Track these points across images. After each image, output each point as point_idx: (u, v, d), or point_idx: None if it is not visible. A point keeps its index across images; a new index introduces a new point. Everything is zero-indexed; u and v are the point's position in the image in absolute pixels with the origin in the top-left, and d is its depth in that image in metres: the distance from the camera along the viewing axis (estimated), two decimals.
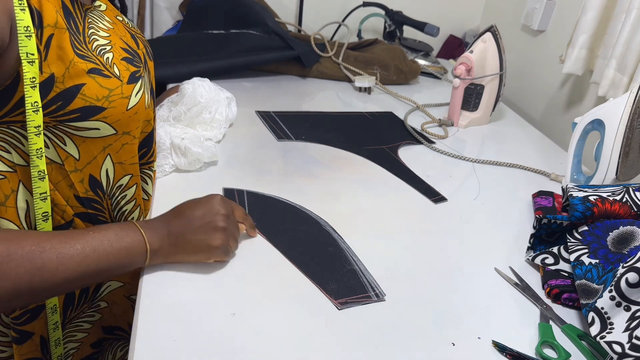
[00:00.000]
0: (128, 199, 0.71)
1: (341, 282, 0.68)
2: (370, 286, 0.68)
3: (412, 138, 1.13)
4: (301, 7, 1.63)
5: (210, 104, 0.93)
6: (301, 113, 1.17)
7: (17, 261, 0.50)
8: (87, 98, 0.57)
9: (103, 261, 0.56)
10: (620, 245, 0.69)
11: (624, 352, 0.57)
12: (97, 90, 0.58)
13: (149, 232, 0.60)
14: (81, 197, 0.64)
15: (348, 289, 0.67)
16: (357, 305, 0.65)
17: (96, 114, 0.59)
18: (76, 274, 0.54)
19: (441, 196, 0.92)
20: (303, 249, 0.73)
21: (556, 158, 1.15)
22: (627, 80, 1.07)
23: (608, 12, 1.16)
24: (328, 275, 0.68)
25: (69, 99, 0.56)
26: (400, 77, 1.42)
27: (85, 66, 0.57)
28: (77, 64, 0.56)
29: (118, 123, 0.62)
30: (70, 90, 0.56)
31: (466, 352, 0.61)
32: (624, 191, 0.76)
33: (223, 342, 0.57)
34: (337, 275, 0.69)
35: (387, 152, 1.05)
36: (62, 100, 0.56)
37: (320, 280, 0.67)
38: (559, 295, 0.71)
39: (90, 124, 0.59)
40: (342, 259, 0.72)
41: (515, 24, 1.57)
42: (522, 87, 1.54)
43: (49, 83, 0.54)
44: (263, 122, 1.09)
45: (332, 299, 0.65)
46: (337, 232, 0.78)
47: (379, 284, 0.68)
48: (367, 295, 0.66)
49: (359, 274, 0.70)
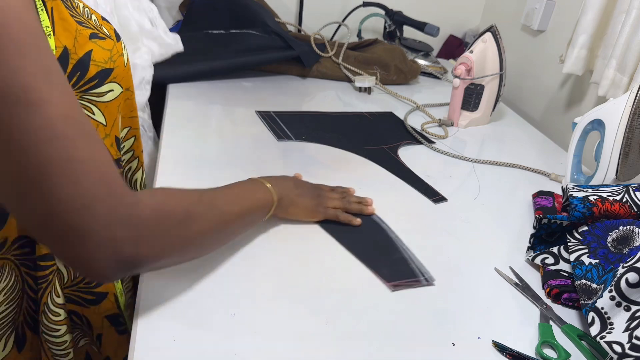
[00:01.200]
0: (126, 150, 0.74)
1: (392, 267, 0.72)
2: (420, 272, 0.72)
3: (412, 138, 1.13)
4: (301, 7, 1.63)
5: None
6: (301, 113, 1.17)
7: (204, 205, 0.57)
8: (97, 63, 0.59)
9: (248, 206, 0.65)
10: (620, 245, 0.69)
11: (624, 352, 0.57)
12: (101, 53, 0.60)
13: (272, 187, 0.69)
14: (115, 160, 0.67)
15: (399, 273, 0.71)
16: (408, 289, 0.69)
17: (108, 76, 0.61)
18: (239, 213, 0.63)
19: (441, 196, 0.92)
20: (354, 236, 0.77)
21: (556, 158, 1.15)
22: (627, 80, 1.07)
23: (608, 12, 1.16)
24: (379, 260, 0.73)
25: (84, 67, 0.58)
26: (400, 77, 1.42)
27: (87, 32, 0.59)
28: (80, 32, 0.58)
29: (123, 80, 0.64)
30: (83, 58, 0.58)
31: (466, 352, 0.61)
32: (624, 191, 0.76)
33: (223, 342, 0.57)
34: (388, 261, 0.73)
35: (387, 152, 1.05)
36: (80, 70, 0.57)
37: (373, 264, 0.72)
38: (559, 295, 0.71)
39: (106, 87, 0.61)
40: (391, 246, 0.76)
41: (515, 24, 1.57)
42: (522, 87, 1.54)
43: (65, 56, 0.55)
44: (263, 122, 1.09)
45: (386, 281, 0.69)
46: (384, 222, 0.82)
47: (427, 269, 0.73)
48: (417, 280, 0.70)
49: (408, 261, 0.74)
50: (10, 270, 0.62)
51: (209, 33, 1.35)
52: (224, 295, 0.63)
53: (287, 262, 0.70)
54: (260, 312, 0.62)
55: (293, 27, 1.60)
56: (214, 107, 1.12)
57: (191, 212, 0.54)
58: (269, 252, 0.72)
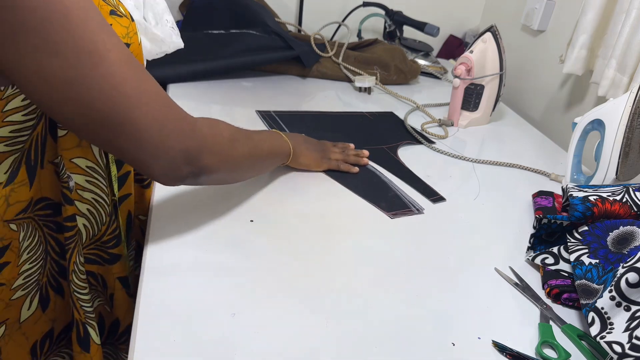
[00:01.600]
0: None
1: (388, 201, 0.89)
2: (412, 204, 0.89)
3: (412, 138, 1.13)
4: (301, 7, 1.63)
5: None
6: (302, 113, 1.17)
7: (243, 135, 0.70)
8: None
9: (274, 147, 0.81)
10: (620, 246, 0.69)
11: (624, 352, 0.57)
12: (120, 29, 0.62)
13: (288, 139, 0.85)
14: None
15: (395, 205, 0.88)
16: (405, 217, 0.85)
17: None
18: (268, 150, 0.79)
19: (440, 196, 0.92)
20: (356, 181, 0.93)
21: (556, 158, 1.15)
22: (627, 80, 1.07)
23: (608, 12, 1.16)
24: (378, 197, 0.90)
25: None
26: (400, 77, 1.42)
27: (107, 8, 0.61)
28: (102, 7, 0.60)
29: (138, 58, 0.66)
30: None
31: (466, 352, 0.61)
32: (624, 191, 0.76)
33: (223, 342, 0.57)
34: (384, 197, 0.90)
35: (387, 152, 1.05)
36: None
37: (373, 200, 0.88)
38: (559, 295, 0.71)
39: None
40: (385, 187, 0.93)
41: (515, 24, 1.57)
42: (522, 87, 1.54)
43: None
44: (263, 122, 1.09)
45: (385, 212, 0.85)
46: (377, 169, 0.98)
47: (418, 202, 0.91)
48: (409, 210, 0.87)
49: (401, 197, 0.91)
50: (34, 229, 0.65)
51: (209, 33, 1.35)
52: (224, 295, 0.63)
53: (287, 262, 0.70)
54: (260, 312, 0.62)
55: (293, 27, 1.60)
56: (214, 106, 1.12)
57: (235, 137, 0.67)
58: (269, 251, 0.72)
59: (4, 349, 0.66)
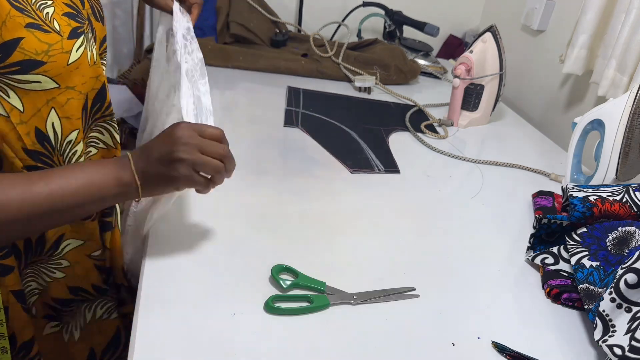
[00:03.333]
0: (78, 155, 0.72)
1: (355, 160, 1.00)
2: (377, 166, 0.99)
3: (407, 129, 1.16)
4: (301, 7, 1.63)
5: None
6: (328, 94, 1.30)
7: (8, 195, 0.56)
8: (26, 52, 0.59)
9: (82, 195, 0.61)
10: (619, 247, 0.69)
11: (624, 355, 0.57)
12: (36, 44, 0.59)
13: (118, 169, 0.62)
14: (29, 150, 0.65)
15: (360, 164, 0.99)
16: (365, 174, 0.95)
17: (36, 67, 0.60)
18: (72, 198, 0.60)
19: (397, 169, 1.00)
20: (332, 140, 1.05)
21: (556, 158, 1.15)
22: (627, 80, 1.07)
23: (608, 12, 1.16)
24: (346, 155, 1.01)
25: (7, 51, 0.58)
26: (400, 77, 1.42)
27: (23, 20, 0.59)
28: (14, 17, 0.58)
29: (60, 77, 0.63)
30: (9, 43, 0.58)
31: (466, 352, 0.61)
32: (623, 191, 0.76)
33: (223, 342, 0.57)
34: (353, 157, 1.01)
35: (380, 132, 1.15)
36: (1, 54, 0.58)
37: (340, 157, 1.00)
38: (558, 295, 0.71)
39: (31, 77, 0.61)
40: (358, 149, 1.04)
41: (515, 24, 1.57)
42: (522, 87, 1.54)
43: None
44: (286, 94, 1.24)
45: (348, 167, 0.96)
46: (361, 140, 1.07)
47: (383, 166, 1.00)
48: (373, 170, 0.98)
49: (369, 160, 1.01)
50: None
51: None
52: (224, 295, 0.63)
53: (287, 262, 0.70)
54: (260, 312, 0.62)
55: (293, 27, 1.60)
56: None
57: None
58: (269, 251, 0.72)
59: None
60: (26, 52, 0.59)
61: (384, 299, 0.66)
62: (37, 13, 0.61)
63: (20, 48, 0.58)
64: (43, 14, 0.62)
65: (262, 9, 1.47)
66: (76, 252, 0.76)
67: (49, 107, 0.65)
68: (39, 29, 0.60)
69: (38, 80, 0.62)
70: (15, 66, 0.59)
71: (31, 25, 0.59)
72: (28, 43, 0.59)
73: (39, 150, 0.66)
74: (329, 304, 0.64)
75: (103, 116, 0.75)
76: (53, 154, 0.68)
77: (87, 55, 0.67)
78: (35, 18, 0.60)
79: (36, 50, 0.60)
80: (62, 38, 0.62)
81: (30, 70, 0.60)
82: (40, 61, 0.60)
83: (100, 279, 0.79)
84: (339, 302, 0.65)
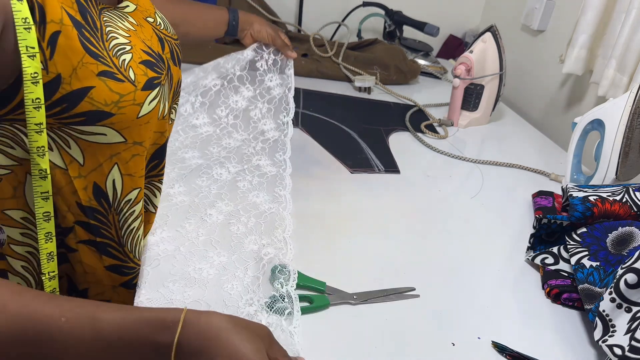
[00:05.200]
0: (136, 215, 0.66)
1: (355, 160, 1.00)
2: (377, 166, 0.99)
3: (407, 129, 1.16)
4: (301, 7, 1.63)
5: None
6: (327, 93, 1.30)
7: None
8: (94, 102, 0.54)
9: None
10: (619, 247, 0.69)
11: (623, 355, 0.57)
12: (106, 94, 0.54)
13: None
14: (84, 206, 0.60)
15: (360, 165, 0.99)
16: (365, 174, 0.95)
17: (103, 119, 0.55)
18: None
19: (397, 169, 1.00)
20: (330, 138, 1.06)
21: (556, 158, 1.15)
22: (627, 80, 1.07)
23: (608, 12, 1.16)
24: (346, 155, 1.01)
25: (75, 101, 0.53)
26: (400, 77, 1.42)
27: (96, 68, 0.53)
28: (86, 64, 0.53)
29: (127, 131, 0.58)
30: (77, 92, 0.53)
31: (466, 352, 0.61)
32: (623, 191, 0.76)
33: None
34: (353, 156, 1.01)
35: (380, 132, 1.14)
36: (67, 103, 0.53)
37: (340, 156, 1.00)
38: (558, 295, 0.71)
39: (96, 128, 0.55)
40: (358, 149, 1.05)
41: (515, 24, 1.57)
42: (522, 87, 1.54)
43: (55, 83, 0.51)
44: None
45: (348, 167, 0.97)
46: (361, 140, 1.07)
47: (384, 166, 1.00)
48: (373, 170, 0.98)
49: (369, 159, 1.01)
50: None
51: None
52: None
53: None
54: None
55: (293, 27, 1.60)
56: None
57: None
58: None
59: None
60: (95, 102, 0.53)
61: (384, 299, 0.66)
62: (112, 59, 0.55)
63: (89, 98, 0.53)
64: (119, 60, 0.56)
65: (262, 9, 1.48)
66: None
67: (112, 163, 0.59)
68: (113, 78, 0.54)
69: (104, 132, 0.56)
70: (81, 117, 0.53)
71: (104, 73, 0.54)
72: (98, 93, 0.53)
73: (95, 207, 0.61)
74: (329, 304, 0.64)
75: (158, 175, 0.70)
76: (109, 212, 0.62)
77: (158, 109, 0.61)
78: (110, 65, 0.54)
79: (106, 100, 0.54)
80: (135, 89, 0.56)
81: (96, 121, 0.54)
82: (108, 112, 0.54)
83: None
84: (339, 302, 0.65)
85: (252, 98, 0.94)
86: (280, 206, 0.81)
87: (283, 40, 0.94)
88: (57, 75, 0.51)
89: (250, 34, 0.95)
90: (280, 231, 0.75)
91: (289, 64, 0.95)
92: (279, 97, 0.94)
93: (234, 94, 0.94)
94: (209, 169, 0.88)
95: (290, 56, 0.95)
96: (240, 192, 0.83)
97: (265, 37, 0.94)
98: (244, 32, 0.96)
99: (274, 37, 0.94)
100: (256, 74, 0.94)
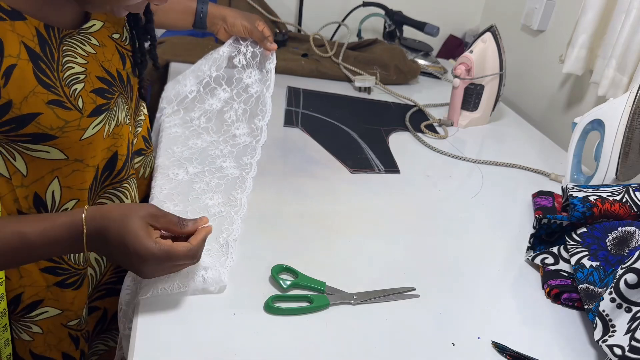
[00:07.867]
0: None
1: (355, 161, 1.00)
2: (377, 166, 0.98)
3: (414, 133, 1.14)
4: (301, 7, 1.63)
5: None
6: (326, 94, 1.29)
7: None
8: (41, 126, 0.58)
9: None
10: (619, 247, 0.69)
11: (623, 355, 0.57)
12: (52, 120, 0.58)
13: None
14: (23, 213, 0.64)
15: (360, 164, 0.99)
16: (365, 174, 0.95)
17: (47, 140, 0.59)
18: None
19: (396, 169, 1.00)
20: (330, 138, 1.06)
21: (556, 158, 1.15)
22: (627, 80, 1.07)
23: (608, 12, 1.16)
24: (346, 155, 1.01)
25: (23, 124, 0.57)
26: (400, 77, 1.42)
27: (47, 97, 0.57)
28: (37, 94, 0.56)
29: (70, 150, 0.62)
30: (26, 117, 0.56)
31: (466, 352, 0.61)
32: (623, 191, 0.76)
33: (223, 342, 0.57)
34: (353, 156, 1.01)
35: (382, 134, 1.13)
36: (15, 124, 0.56)
37: (340, 157, 1.00)
38: (559, 295, 0.71)
39: (40, 147, 0.60)
40: (358, 149, 1.04)
41: (515, 24, 1.57)
42: (522, 87, 1.54)
43: (6, 107, 0.55)
44: (287, 93, 1.23)
45: (348, 167, 0.96)
46: (361, 140, 1.07)
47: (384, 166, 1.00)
48: (373, 170, 0.97)
49: (369, 159, 1.01)
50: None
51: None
52: (224, 295, 0.63)
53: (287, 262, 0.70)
54: (260, 312, 0.62)
55: (293, 27, 1.60)
56: None
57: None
58: (269, 251, 0.72)
59: None
60: (41, 126, 0.58)
61: (384, 299, 0.66)
62: (64, 89, 0.59)
63: (36, 122, 0.57)
64: (70, 90, 0.60)
65: (262, 9, 1.48)
66: (52, 321, 0.71)
67: (53, 175, 0.63)
68: (61, 106, 0.59)
69: (47, 150, 0.60)
70: (27, 137, 0.58)
71: (53, 102, 0.58)
72: (45, 119, 0.57)
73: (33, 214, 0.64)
74: (329, 304, 0.64)
75: (112, 183, 0.73)
76: None
77: (103, 131, 0.65)
78: (61, 95, 0.59)
79: (52, 125, 0.58)
80: (82, 116, 0.61)
81: (40, 141, 0.59)
82: (51, 135, 0.59)
83: (72, 347, 0.75)
84: (339, 302, 0.65)
85: (228, 99, 0.91)
86: (232, 210, 0.77)
87: (261, 32, 0.88)
88: (9, 101, 0.55)
89: (224, 28, 0.91)
90: (225, 235, 0.72)
91: (271, 57, 0.89)
92: (257, 95, 0.88)
93: (210, 97, 0.91)
94: (166, 169, 0.84)
95: (270, 48, 0.89)
96: (195, 193, 0.80)
97: (240, 31, 0.89)
98: (217, 27, 0.91)
99: (251, 29, 0.88)
100: (234, 72, 0.89)
